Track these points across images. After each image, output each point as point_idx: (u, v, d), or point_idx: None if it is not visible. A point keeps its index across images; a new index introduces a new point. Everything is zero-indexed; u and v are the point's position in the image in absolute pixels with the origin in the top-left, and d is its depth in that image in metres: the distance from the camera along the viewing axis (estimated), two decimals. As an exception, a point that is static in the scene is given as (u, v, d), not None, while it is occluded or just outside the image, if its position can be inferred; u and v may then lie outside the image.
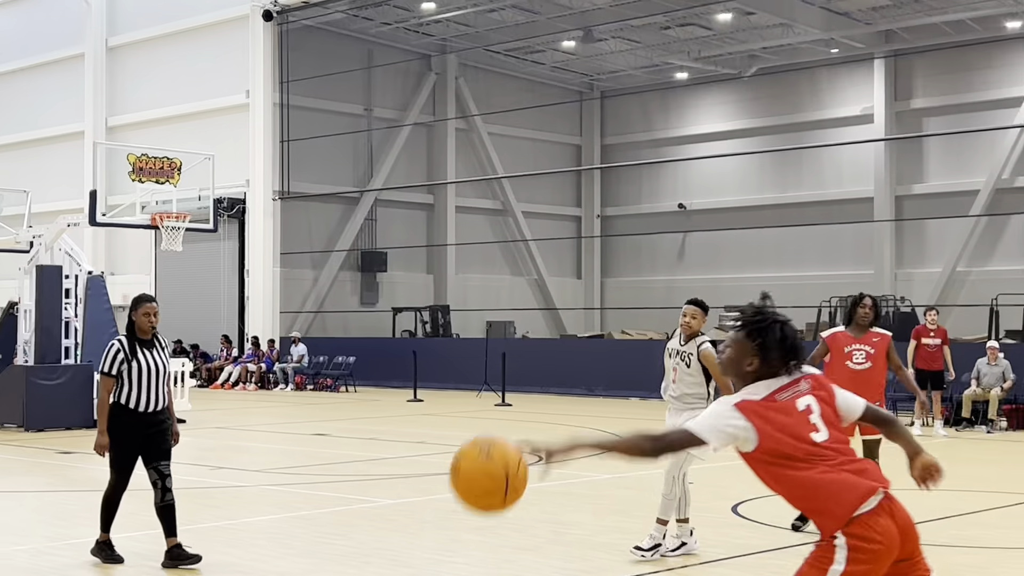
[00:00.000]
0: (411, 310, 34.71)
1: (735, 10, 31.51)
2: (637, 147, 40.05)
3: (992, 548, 9.28)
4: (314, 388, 29.99)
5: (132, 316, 8.46)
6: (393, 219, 36.49)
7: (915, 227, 34.18)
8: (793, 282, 34.92)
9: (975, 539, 9.59)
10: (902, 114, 34.50)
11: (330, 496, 11.98)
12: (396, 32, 35.24)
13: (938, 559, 8.46)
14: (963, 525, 10.30)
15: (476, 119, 37.82)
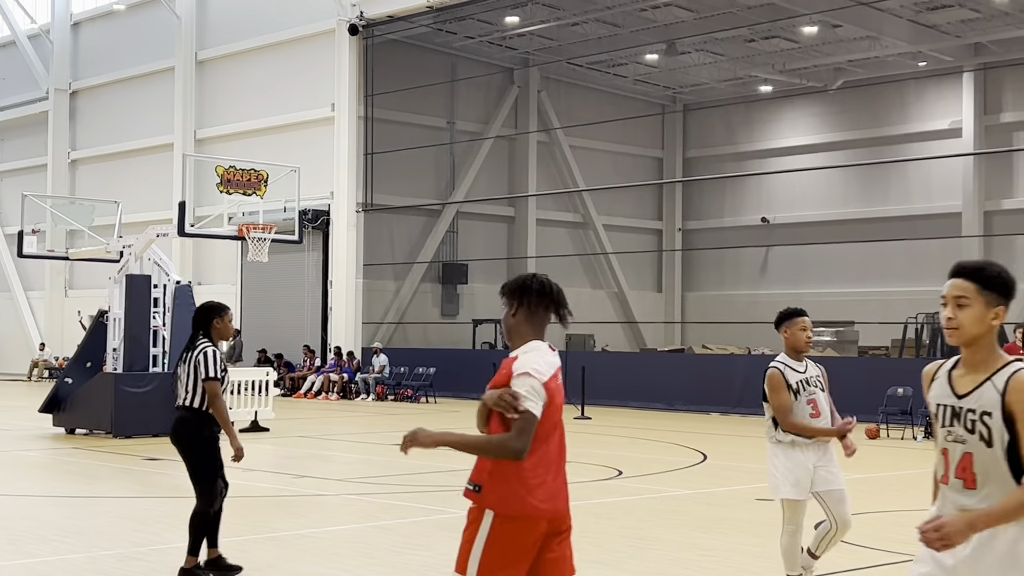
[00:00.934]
0: (491, 322, 34.79)
1: (821, 23, 31.20)
2: (720, 160, 39.80)
3: None
4: (395, 398, 30.20)
5: (216, 324, 8.32)
6: (474, 231, 36.66)
7: (1004, 243, 33.46)
8: (878, 298, 34.45)
9: None
10: (991, 128, 33.85)
11: (411, 506, 12.07)
12: (479, 46, 35.46)
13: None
14: None
15: (557, 132, 37.89)
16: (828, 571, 8.78)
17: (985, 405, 3.79)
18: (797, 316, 7.55)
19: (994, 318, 3.84)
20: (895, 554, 9.44)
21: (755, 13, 30.64)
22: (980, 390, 3.82)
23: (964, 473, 3.83)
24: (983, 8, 30.08)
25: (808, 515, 7.70)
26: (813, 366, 7.56)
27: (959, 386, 3.89)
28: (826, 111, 37.31)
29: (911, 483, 14.89)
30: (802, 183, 37.46)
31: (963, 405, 3.85)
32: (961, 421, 3.84)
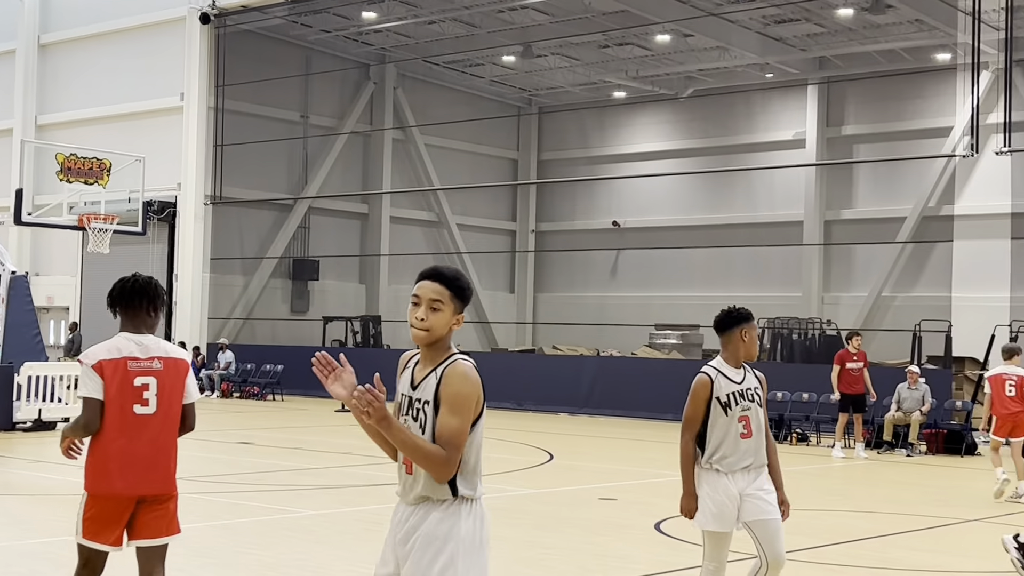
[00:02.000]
0: (342, 319, 34.50)
1: (673, 32, 31.83)
2: (573, 163, 40.26)
3: (913, 570, 9.41)
4: (240, 396, 29.67)
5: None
6: (326, 227, 36.29)
7: (843, 252, 34.71)
8: (722, 303, 35.10)
9: (896, 561, 9.71)
10: (833, 140, 35.05)
11: (252, 506, 11.85)
12: (335, 40, 35.10)
13: (855, 580, 8.56)
14: (884, 547, 10.44)
15: (413, 130, 37.78)
16: (658, 570, 8.92)
17: (426, 394, 4.08)
18: (750, 319, 6.43)
19: (456, 324, 4.14)
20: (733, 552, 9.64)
21: (609, 19, 31.07)
22: (426, 381, 4.12)
23: (407, 459, 4.11)
24: (828, 23, 31.11)
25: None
26: (752, 375, 6.44)
27: (416, 378, 4.19)
28: (677, 118, 38.08)
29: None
30: (652, 188, 38.17)
31: (414, 395, 4.15)
32: (411, 409, 4.13)
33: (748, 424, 6.22)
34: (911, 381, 19.73)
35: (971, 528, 11.89)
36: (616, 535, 10.54)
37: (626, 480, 15.09)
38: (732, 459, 6.16)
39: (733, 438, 6.16)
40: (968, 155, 25.21)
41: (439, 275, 4.14)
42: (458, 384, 4.04)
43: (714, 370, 6.32)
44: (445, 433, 3.99)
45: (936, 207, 32.77)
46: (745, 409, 6.24)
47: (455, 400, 4.02)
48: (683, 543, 10.10)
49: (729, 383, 6.28)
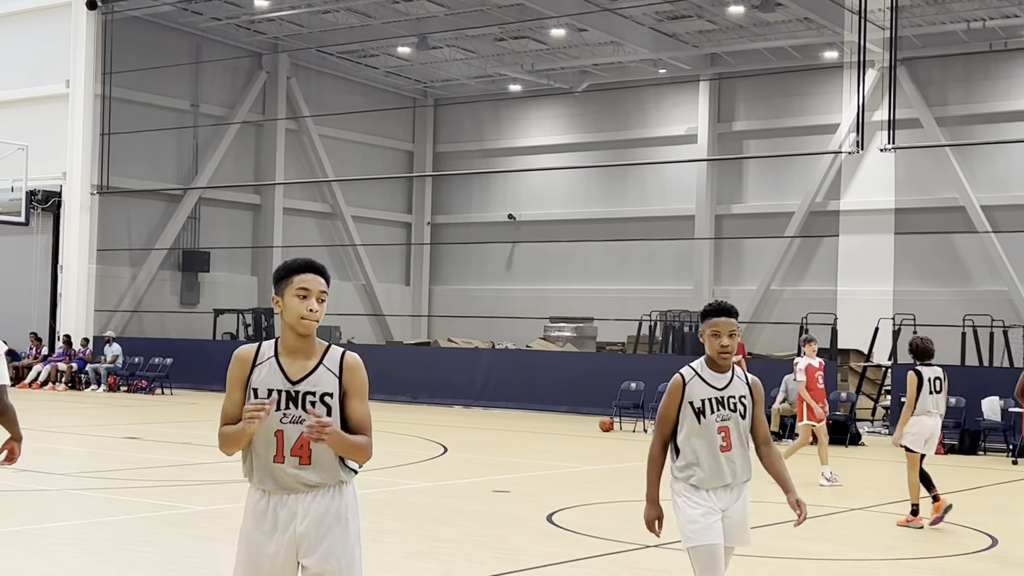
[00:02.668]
0: (233, 312, 34.01)
1: (568, 26, 32.00)
2: (469, 156, 40.25)
3: (794, 559, 9.61)
4: (128, 390, 29.09)
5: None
6: (218, 219, 35.74)
7: (733, 245, 35.30)
8: (615, 296, 35.68)
9: (778, 550, 9.91)
10: (724, 136, 35.61)
11: (139, 502, 11.62)
12: (227, 28, 34.55)
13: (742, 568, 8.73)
14: (768, 536, 10.64)
15: (307, 121, 37.39)
16: (549, 561, 8.99)
17: (324, 387, 4.20)
18: (714, 315, 5.45)
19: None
20: (622, 543, 9.76)
21: (505, 12, 31.12)
22: (316, 374, 4.22)
23: (301, 451, 4.18)
24: (719, 20, 31.58)
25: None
26: (741, 382, 5.49)
27: (293, 371, 4.23)
28: (572, 112, 38.31)
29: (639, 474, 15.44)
30: (547, 182, 38.36)
31: (299, 388, 4.21)
32: (301, 404, 4.18)
33: (728, 436, 5.39)
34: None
35: (854, 517, 12.19)
36: (509, 527, 10.58)
37: (519, 472, 15.16)
38: (706, 475, 5.40)
39: (708, 450, 5.37)
40: (854, 152, 25.85)
41: (320, 269, 4.40)
42: (362, 374, 4.27)
43: (691, 371, 5.46)
44: (365, 420, 4.24)
45: (823, 202, 33.54)
46: (724, 419, 5.39)
47: (363, 389, 4.26)
48: (575, 534, 10.18)
49: (706, 388, 5.41)
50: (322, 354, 4.28)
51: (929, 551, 10.14)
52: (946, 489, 14.40)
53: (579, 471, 15.90)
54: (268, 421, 4.16)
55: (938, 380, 11.90)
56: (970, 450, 19.29)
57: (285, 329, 4.30)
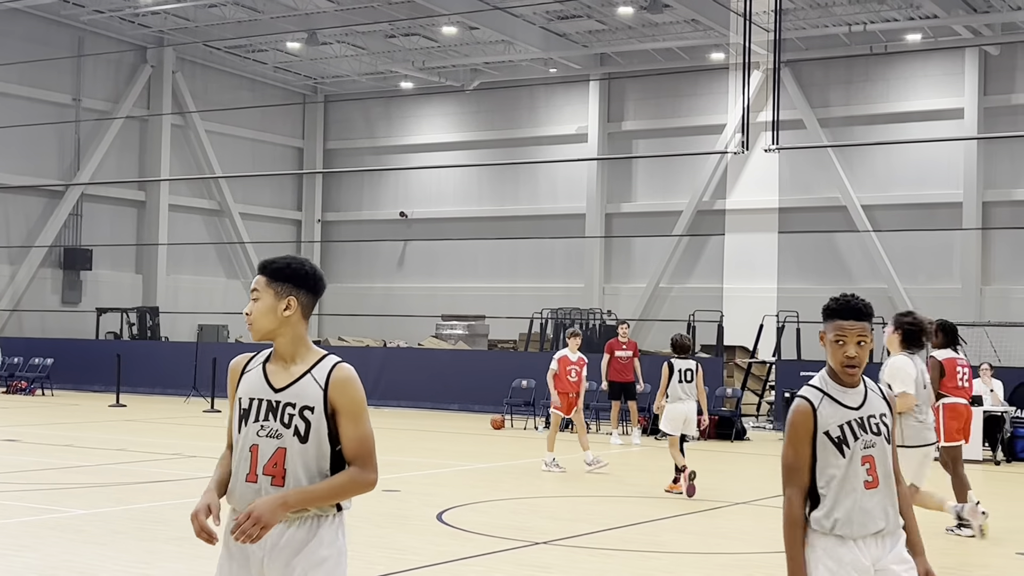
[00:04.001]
0: (117, 311, 33.30)
1: (459, 24, 32.00)
2: (360, 153, 40.00)
3: (681, 553, 9.76)
4: (7, 391, 28.29)
5: None
6: (101, 215, 34.95)
7: (623, 244, 35.69)
8: (507, 293, 35.81)
9: (666, 544, 10.06)
10: (614, 135, 35.98)
11: (18, 506, 11.30)
12: (110, 21, 33.79)
13: (630, 564, 8.84)
14: (656, 531, 10.80)
15: (193, 116, 36.75)
16: (440, 560, 9.00)
17: (306, 399, 3.77)
18: (839, 316, 4.16)
19: (286, 309, 3.87)
20: (511, 540, 9.80)
21: (396, 9, 30.99)
22: (299, 384, 3.80)
23: (275, 469, 3.75)
24: (609, 21, 31.89)
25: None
26: (878, 397, 4.26)
27: (276, 379, 3.85)
28: (463, 111, 38.32)
29: (529, 471, 15.55)
30: (439, 180, 38.32)
31: (280, 398, 3.80)
32: (278, 415, 3.79)
33: (874, 468, 4.15)
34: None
35: (738, 511, 12.43)
36: (399, 527, 10.55)
37: (410, 471, 15.12)
38: (858, 521, 4.11)
39: (855, 489, 4.12)
40: (739, 152, 26.27)
41: (261, 265, 3.99)
42: (354, 391, 3.78)
43: (816, 391, 4.19)
44: (360, 447, 3.77)
45: (710, 201, 34.10)
46: (868, 446, 4.16)
47: (355, 408, 3.77)
48: (465, 532, 10.20)
49: (840, 410, 4.18)
50: (314, 363, 3.84)
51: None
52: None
53: (470, 469, 15.93)
54: (245, 434, 3.80)
55: (688, 371, 13.48)
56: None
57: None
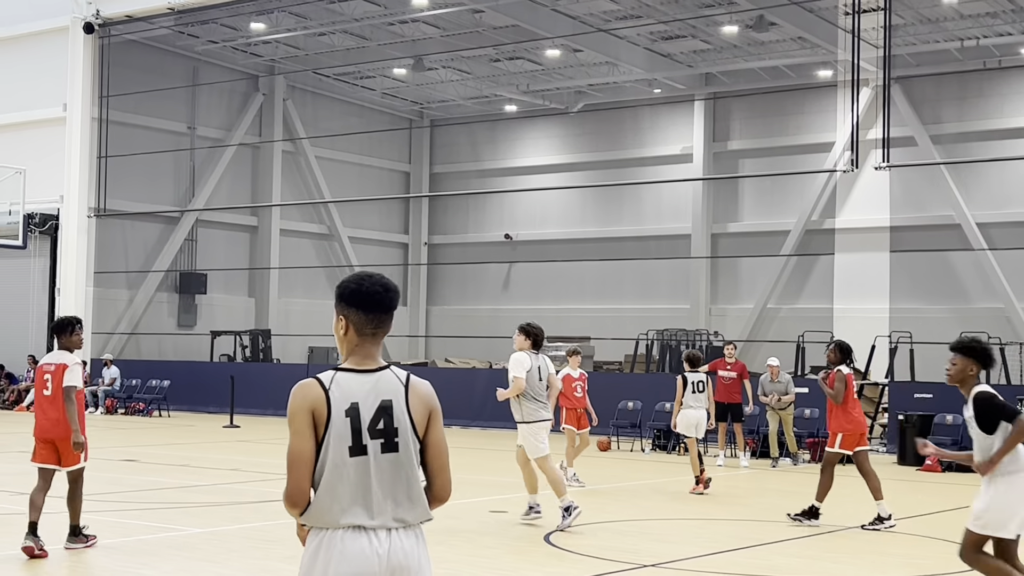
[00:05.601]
0: (230, 334, 34.03)
1: (563, 47, 32.14)
2: (465, 176, 40.34)
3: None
4: (125, 412, 29.05)
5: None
6: (214, 240, 35.79)
7: (729, 264, 35.36)
8: (612, 315, 35.71)
9: (777, 568, 9.92)
10: (719, 155, 35.72)
11: (136, 524, 11.61)
12: (223, 51, 34.68)
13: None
14: (767, 555, 10.66)
15: (303, 142, 37.49)
16: (555, 580, 8.99)
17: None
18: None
19: (339, 328, 3.88)
20: (619, 563, 9.77)
21: (500, 34, 31.26)
22: None
23: None
24: (713, 40, 31.73)
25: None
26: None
27: None
28: (567, 132, 38.43)
29: (637, 493, 15.47)
30: (543, 202, 38.44)
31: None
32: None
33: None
34: (772, 374, 19.73)
35: (850, 535, 12.20)
36: (507, 548, 10.59)
37: (516, 493, 15.14)
38: None
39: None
40: (849, 170, 25.89)
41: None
42: (289, 401, 3.75)
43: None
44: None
45: (819, 220, 33.61)
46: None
47: (288, 418, 3.76)
48: (572, 555, 10.19)
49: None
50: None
51: (923, 568, 10.15)
52: (943, 506, 14.43)
53: (577, 490, 15.89)
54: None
55: (700, 382, 15.29)
56: (967, 468, 19.25)
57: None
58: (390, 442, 3.70)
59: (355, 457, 3.67)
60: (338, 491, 3.67)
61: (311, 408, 3.68)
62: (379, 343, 3.88)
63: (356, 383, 3.73)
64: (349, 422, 3.68)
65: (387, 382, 3.76)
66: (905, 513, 13.93)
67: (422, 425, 3.78)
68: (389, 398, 3.73)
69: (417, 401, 3.77)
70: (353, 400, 3.70)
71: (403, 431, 3.72)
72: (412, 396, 3.76)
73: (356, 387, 3.73)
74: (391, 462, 3.70)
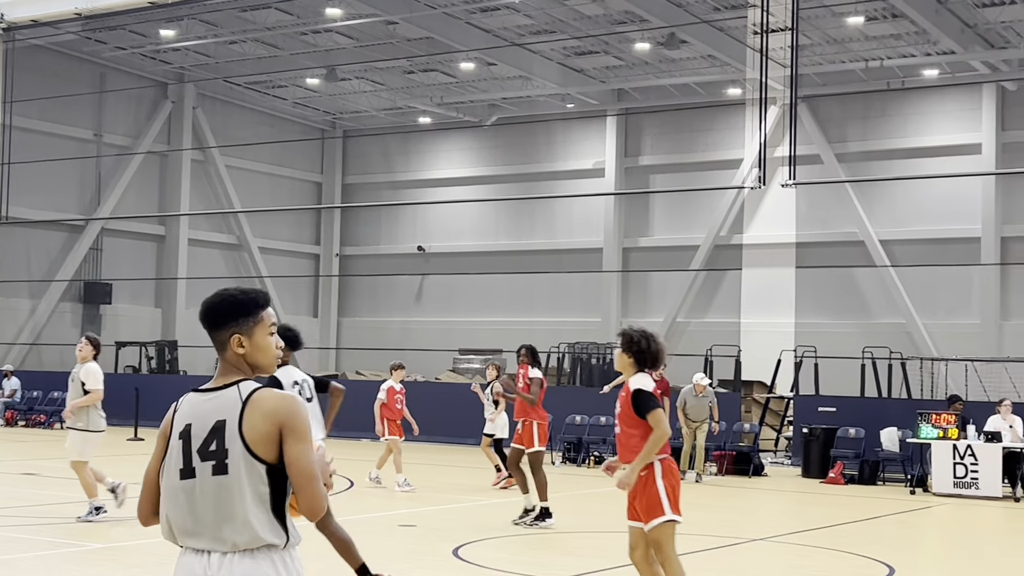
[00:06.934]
0: (136, 345, 33.44)
1: (477, 60, 32.21)
2: (378, 188, 40.19)
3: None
4: (26, 424, 28.39)
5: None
6: (120, 250, 35.17)
7: (640, 278, 35.70)
8: (523, 327, 35.77)
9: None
10: (631, 170, 36.06)
11: (36, 540, 11.34)
12: (131, 57, 34.14)
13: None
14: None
15: (213, 151, 37.03)
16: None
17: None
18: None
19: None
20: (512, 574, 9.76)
21: (414, 46, 31.23)
22: None
23: None
24: (626, 57, 32.04)
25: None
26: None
27: None
28: (481, 145, 38.50)
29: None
30: (456, 214, 38.45)
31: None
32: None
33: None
34: (697, 390, 19.81)
35: (755, 548, 12.36)
36: (415, 562, 10.54)
37: (426, 506, 15.10)
38: None
39: None
40: (756, 187, 26.26)
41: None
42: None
43: None
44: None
45: (727, 236, 34.10)
46: None
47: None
48: (481, 568, 10.17)
49: None
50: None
51: (828, 580, 10.32)
52: (846, 518, 14.69)
53: (487, 504, 15.90)
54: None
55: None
56: (869, 480, 19.68)
57: (247, 370, 3.66)
58: (220, 464, 3.51)
59: (184, 480, 3.55)
60: (172, 514, 3.60)
61: (164, 432, 3.64)
62: (235, 359, 3.65)
63: (196, 403, 3.60)
64: (181, 444, 3.57)
65: (226, 400, 3.56)
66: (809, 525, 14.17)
67: (266, 443, 3.50)
68: (223, 418, 3.53)
69: (258, 418, 3.50)
70: (188, 421, 3.58)
71: (234, 452, 3.50)
72: (250, 414, 3.51)
73: (195, 407, 3.60)
74: (220, 485, 3.51)
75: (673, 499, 6.91)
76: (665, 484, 6.92)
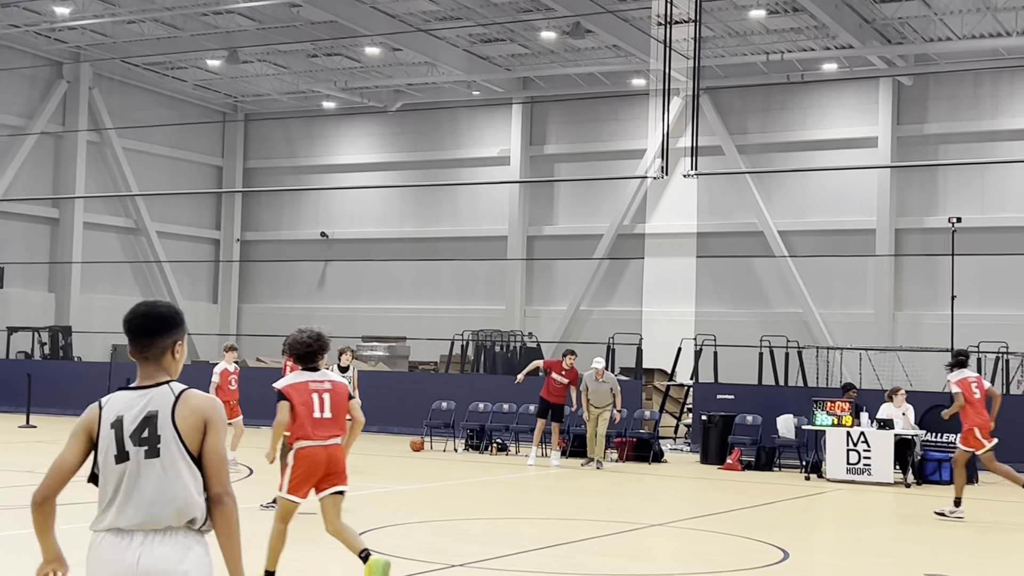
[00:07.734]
0: (28, 330, 32.61)
1: (382, 45, 31.97)
2: (280, 172, 39.71)
3: (597, 574, 9.78)
4: (-88, 412, 27.50)
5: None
6: (12, 232, 34.25)
7: (544, 267, 35.84)
8: (428, 315, 35.75)
9: (583, 567, 10.07)
10: (536, 158, 36.16)
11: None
12: (24, 35, 33.19)
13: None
14: (572, 553, 10.81)
15: (110, 133, 36.21)
16: (363, 582, 8.90)
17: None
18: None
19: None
20: (429, 563, 9.75)
21: (318, 29, 30.87)
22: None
23: None
24: (532, 45, 32.08)
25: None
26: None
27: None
28: (385, 131, 38.25)
29: (449, 493, 15.49)
30: (360, 200, 38.17)
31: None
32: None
33: None
34: (597, 376, 19.82)
35: (655, 532, 12.50)
36: (316, 549, 10.44)
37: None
38: None
39: None
40: (659, 177, 26.56)
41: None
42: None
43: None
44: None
45: (630, 225, 34.39)
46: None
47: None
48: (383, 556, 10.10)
49: None
50: None
51: (722, 565, 10.47)
52: (743, 504, 14.94)
53: (389, 491, 15.82)
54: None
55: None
56: (766, 466, 20.02)
57: (174, 373, 4.09)
58: (153, 449, 3.90)
59: (119, 464, 3.91)
60: (106, 495, 3.93)
61: (87, 428, 3.97)
62: (157, 363, 4.05)
63: (126, 399, 3.97)
64: (113, 433, 3.92)
65: (158, 395, 3.98)
66: (707, 511, 14.36)
67: (193, 433, 3.94)
68: (156, 409, 3.94)
69: (188, 412, 3.94)
70: (120, 413, 3.95)
71: (166, 438, 3.90)
72: (182, 407, 3.95)
73: (125, 402, 3.97)
74: (151, 467, 3.89)
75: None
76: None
